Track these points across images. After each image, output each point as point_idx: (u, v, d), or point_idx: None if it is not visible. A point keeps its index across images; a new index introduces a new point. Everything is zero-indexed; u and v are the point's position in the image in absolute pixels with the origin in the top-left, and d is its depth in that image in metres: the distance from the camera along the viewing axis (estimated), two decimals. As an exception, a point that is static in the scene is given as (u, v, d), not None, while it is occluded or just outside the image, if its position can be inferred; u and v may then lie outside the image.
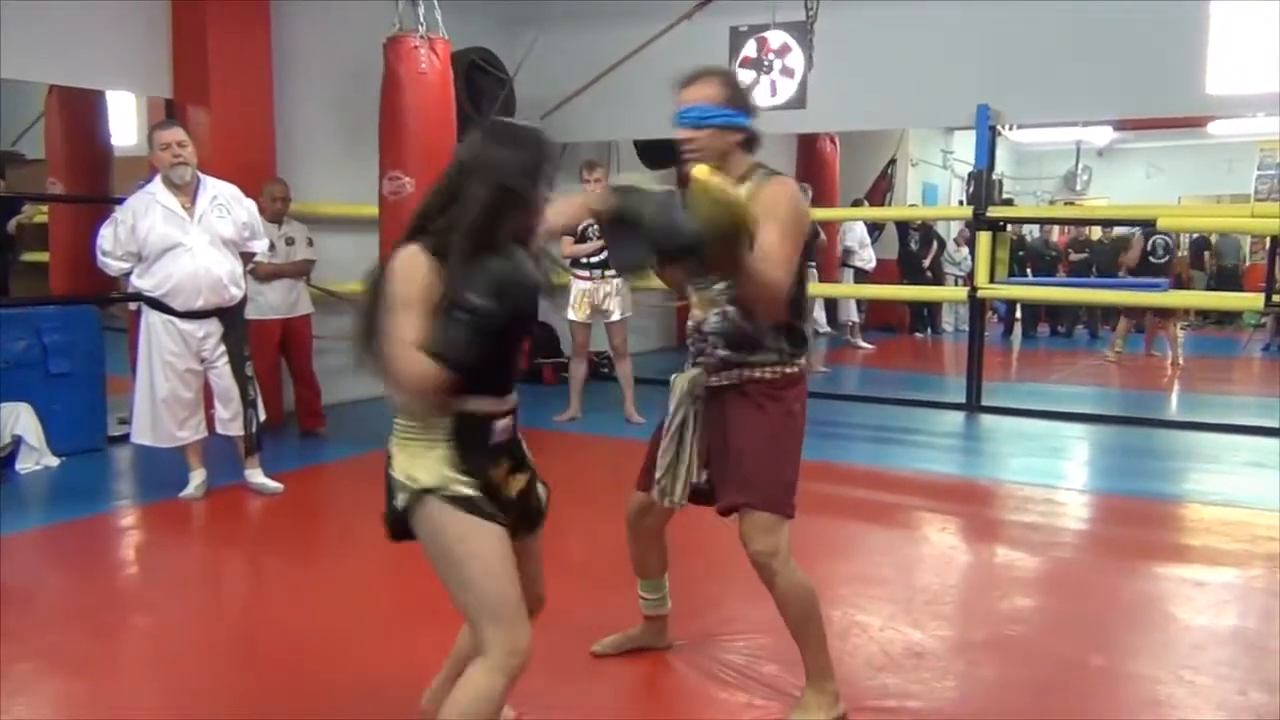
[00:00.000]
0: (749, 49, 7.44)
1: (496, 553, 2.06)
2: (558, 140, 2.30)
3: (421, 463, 2.06)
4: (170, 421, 4.80)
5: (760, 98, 7.37)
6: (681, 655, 3.18)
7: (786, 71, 7.31)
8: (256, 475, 5.02)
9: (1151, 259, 11.11)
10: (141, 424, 4.86)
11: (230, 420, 4.91)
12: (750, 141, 2.64)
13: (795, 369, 2.67)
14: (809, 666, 2.74)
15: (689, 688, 3.02)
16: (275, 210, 6.12)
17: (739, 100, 2.61)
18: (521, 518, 2.23)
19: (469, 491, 2.06)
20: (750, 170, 2.61)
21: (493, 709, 2.05)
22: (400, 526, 2.12)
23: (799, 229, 2.54)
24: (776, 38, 7.35)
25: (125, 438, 5.20)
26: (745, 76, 7.42)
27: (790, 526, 2.66)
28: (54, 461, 5.43)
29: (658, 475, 2.76)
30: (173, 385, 4.76)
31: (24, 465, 5.32)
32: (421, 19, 5.74)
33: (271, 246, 5.92)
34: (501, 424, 2.15)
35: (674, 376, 2.79)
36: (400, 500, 2.08)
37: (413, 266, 2.01)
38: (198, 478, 4.92)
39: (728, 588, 3.65)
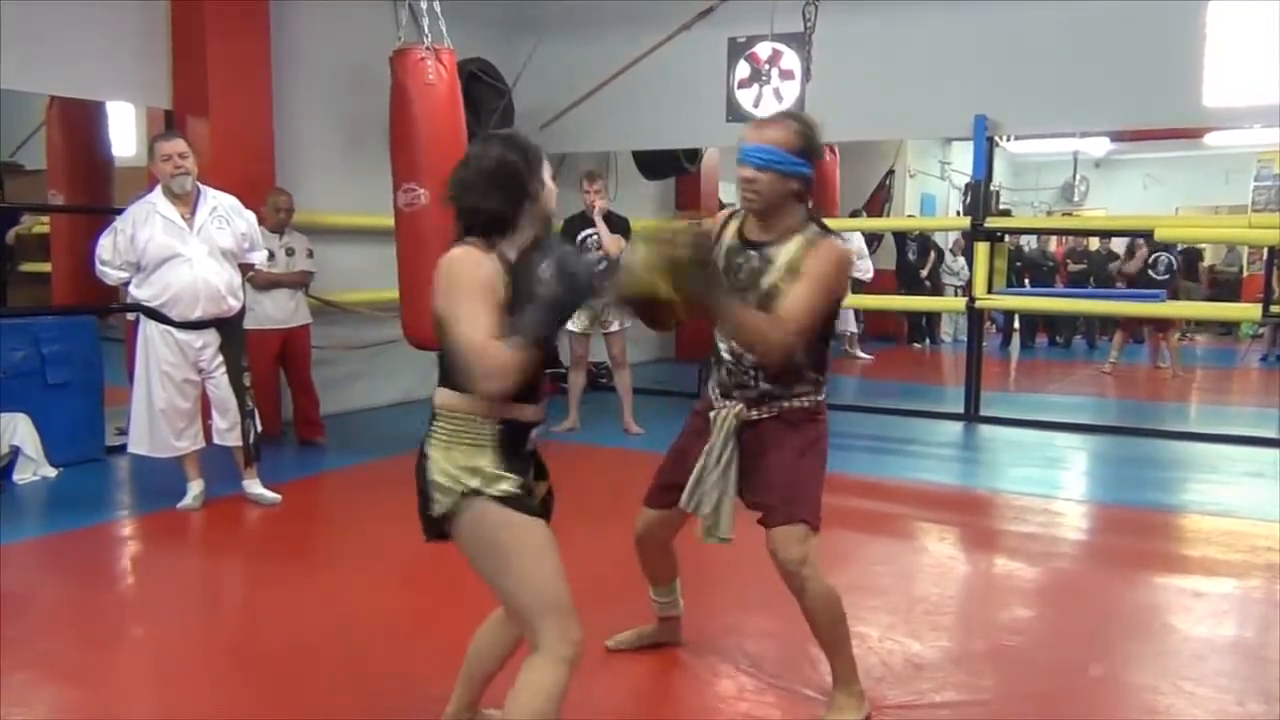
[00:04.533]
0: (741, 70, 7.45)
1: (545, 546, 2.14)
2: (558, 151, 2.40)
3: (467, 464, 2.10)
4: (168, 432, 4.79)
5: (766, 109, 7.39)
6: (690, 654, 3.23)
7: (785, 75, 7.32)
8: (254, 486, 5.00)
9: (1151, 273, 11.14)
10: (139, 434, 4.84)
11: (228, 430, 4.90)
12: (804, 192, 2.64)
13: (823, 397, 2.76)
14: (836, 670, 2.79)
15: (697, 685, 3.07)
16: (279, 220, 6.13)
17: (809, 151, 2.61)
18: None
19: (515, 490, 2.11)
20: (803, 223, 2.63)
21: (557, 703, 2.08)
22: (439, 528, 2.15)
23: (830, 292, 2.57)
24: (765, 49, 7.37)
25: (123, 448, 5.17)
26: (746, 94, 7.44)
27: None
28: (52, 472, 5.41)
29: (704, 512, 2.74)
30: (170, 395, 4.76)
31: (22, 475, 5.29)
32: (426, 30, 5.76)
33: (271, 256, 5.93)
34: (536, 431, 2.23)
35: (716, 413, 2.76)
36: (444, 503, 2.10)
37: (474, 261, 2.08)
38: (195, 488, 4.90)
39: (735, 595, 3.69)
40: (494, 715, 2.63)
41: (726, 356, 2.75)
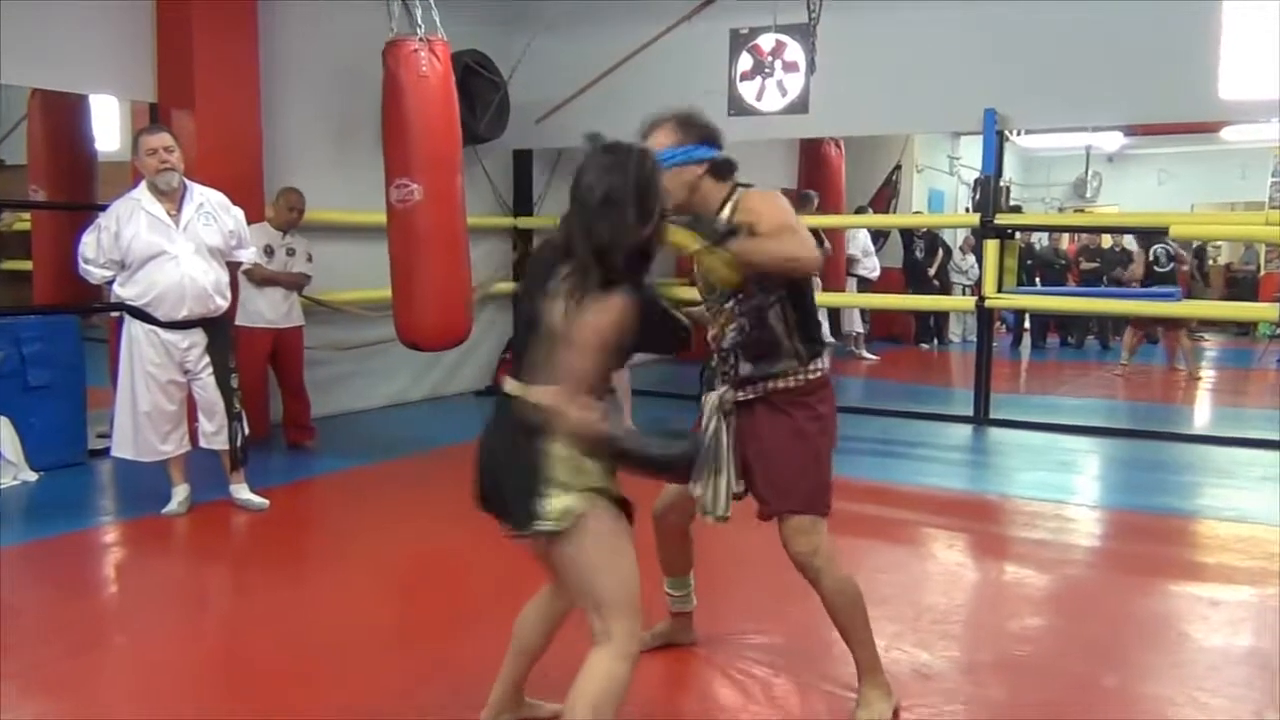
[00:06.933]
0: (744, 62, 7.34)
1: (633, 552, 2.28)
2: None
3: (585, 466, 2.19)
4: (152, 435, 4.74)
5: (770, 102, 7.27)
6: (698, 658, 3.27)
7: (789, 67, 7.20)
8: (242, 490, 4.95)
9: (1156, 268, 11.03)
10: (122, 437, 4.79)
11: (214, 433, 4.84)
12: (718, 168, 2.75)
13: (817, 374, 2.79)
14: (861, 661, 2.84)
15: (704, 689, 3.13)
16: (289, 220, 6.12)
17: (693, 136, 2.73)
18: None
19: (619, 492, 2.26)
20: (730, 192, 2.75)
21: (620, 695, 2.21)
22: (531, 522, 2.19)
23: (786, 211, 2.67)
24: (768, 41, 7.26)
25: (106, 451, 5.12)
26: (748, 87, 7.32)
27: (827, 524, 2.76)
28: (32, 476, 5.35)
29: (698, 493, 2.82)
30: (155, 397, 4.70)
31: (1, 480, 5.23)
32: (419, 21, 5.66)
33: (271, 252, 5.93)
34: None
35: (704, 397, 2.85)
36: (564, 500, 2.16)
37: (627, 319, 2.14)
38: (181, 493, 4.84)
39: (743, 598, 3.74)
40: (541, 706, 2.67)
41: (710, 342, 2.83)
